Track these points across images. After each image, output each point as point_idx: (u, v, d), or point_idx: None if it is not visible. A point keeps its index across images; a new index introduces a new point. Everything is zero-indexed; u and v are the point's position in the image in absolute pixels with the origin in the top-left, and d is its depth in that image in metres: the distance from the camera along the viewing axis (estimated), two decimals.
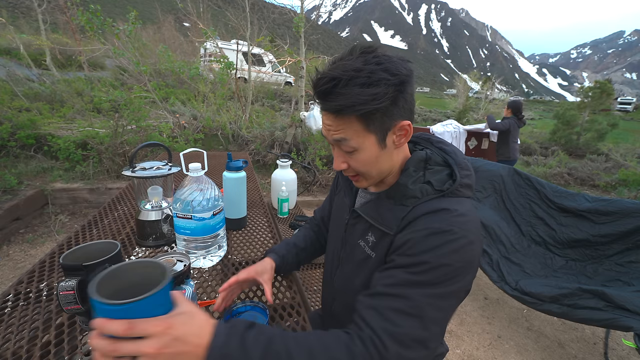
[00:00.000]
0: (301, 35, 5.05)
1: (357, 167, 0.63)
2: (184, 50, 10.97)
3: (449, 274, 0.53)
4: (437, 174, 0.63)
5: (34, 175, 3.44)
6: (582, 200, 1.96)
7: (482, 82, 16.64)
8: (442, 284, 0.53)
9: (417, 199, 0.61)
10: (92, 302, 0.37)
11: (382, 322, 0.51)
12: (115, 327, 0.37)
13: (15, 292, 0.76)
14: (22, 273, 0.83)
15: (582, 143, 7.78)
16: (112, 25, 4.20)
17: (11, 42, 8.18)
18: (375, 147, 0.60)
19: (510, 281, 1.84)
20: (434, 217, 0.57)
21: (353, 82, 0.53)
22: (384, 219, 0.63)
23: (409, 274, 0.54)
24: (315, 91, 0.57)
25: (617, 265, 1.73)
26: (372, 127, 0.57)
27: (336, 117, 0.58)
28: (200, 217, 0.85)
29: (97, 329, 0.37)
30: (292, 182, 1.79)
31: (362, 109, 0.54)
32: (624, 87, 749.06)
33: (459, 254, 0.53)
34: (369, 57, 0.55)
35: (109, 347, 0.38)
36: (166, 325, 0.40)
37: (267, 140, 4.70)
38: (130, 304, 0.37)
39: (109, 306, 0.37)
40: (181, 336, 0.41)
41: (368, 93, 0.53)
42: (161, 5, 23.75)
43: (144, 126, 3.87)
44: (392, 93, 0.54)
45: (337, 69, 0.54)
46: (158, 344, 0.39)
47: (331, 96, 0.55)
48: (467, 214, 0.58)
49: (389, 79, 0.54)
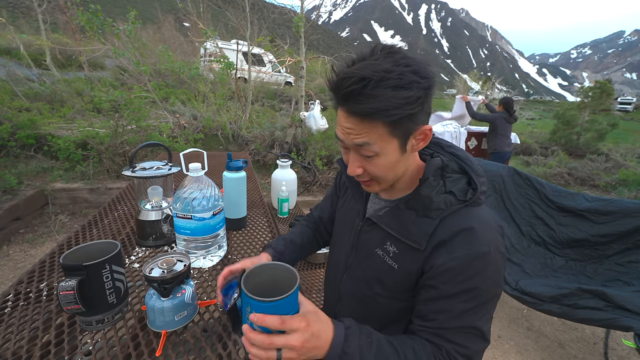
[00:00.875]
0: (301, 35, 5.05)
1: (374, 172, 0.60)
2: (184, 50, 10.96)
3: (493, 288, 0.59)
4: (457, 183, 0.61)
5: (34, 175, 3.45)
6: (582, 200, 1.96)
7: (482, 82, 16.64)
8: (491, 300, 0.59)
9: (442, 210, 0.59)
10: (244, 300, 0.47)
11: (453, 345, 0.57)
12: (272, 321, 0.45)
13: (15, 292, 0.76)
14: (22, 273, 0.84)
15: (582, 143, 7.78)
16: (112, 25, 4.20)
17: (11, 42, 8.18)
18: (397, 152, 0.58)
19: (510, 281, 1.84)
20: (471, 240, 0.57)
21: (384, 83, 0.49)
22: (410, 233, 0.62)
23: (461, 302, 0.57)
24: (339, 92, 0.53)
25: (617, 265, 1.73)
26: (398, 131, 0.55)
27: (361, 121, 0.54)
28: (200, 217, 0.85)
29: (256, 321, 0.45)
30: (292, 182, 1.80)
31: (397, 114, 0.51)
32: (624, 87, 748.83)
33: (498, 269, 0.58)
34: (397, 57, 0.51)
35: (266, 340, 0.46)
36: (306, 323, 0.47)
37: (267, 140, 4.70)
38: (278, 301, 0.45)
39: (263, 303, 0.45)
40: (316, 332, 0.48)
41: (401, 96, 0.50)
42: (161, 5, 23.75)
43: (144, 126, 3.87)
44: (423, 97, 0.53)
45: (366, 69, 0.50)
46: (302, 338, 0.46)
47: (360, 98, 0.51)
48: (492, 224, 0.61)
49: (420, 81, 0.51)
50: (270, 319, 0.45)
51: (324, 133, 4.58)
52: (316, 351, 0.49)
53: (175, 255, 0.73)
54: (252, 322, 0.46)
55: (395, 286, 0.66)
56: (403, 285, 0.65)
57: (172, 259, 0.70)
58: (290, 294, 0.46)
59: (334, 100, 0.56)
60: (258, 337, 0.46)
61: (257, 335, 0.47)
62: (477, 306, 0.57)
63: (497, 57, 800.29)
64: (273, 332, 0.47)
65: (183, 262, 0.70)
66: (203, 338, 0.65)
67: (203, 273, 0.89)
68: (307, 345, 0.47)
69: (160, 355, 0.60)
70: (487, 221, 0.60)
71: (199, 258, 0.90)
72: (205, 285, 0.84)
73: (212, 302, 0.76)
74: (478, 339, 0.58)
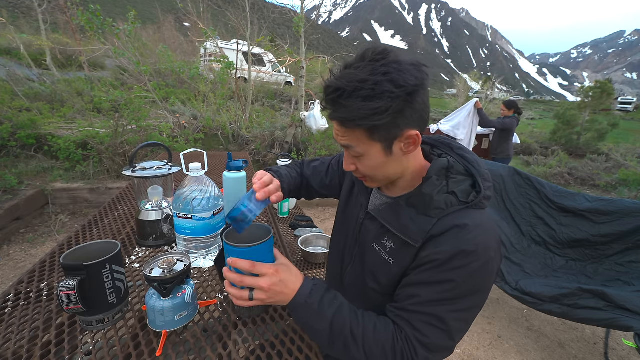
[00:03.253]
0: (301, 35, 5.05)
1: (364, 170, 0.65)
2: (184, 50, 10.96)
3: (473, 289, 0.57)
4: (461, 184, 0.61)
5: (34, 175, 3.45)
6: (582, 200, 1.96)
7: (482, 82, 16.64)
8: (466, 299, 0.57)
9: (441, 210, 0.60)
10: (225, 246, 0.60)
11: (414, 331, 0.58)
12: (243, 265, 0.57)
13: (15, 291, 0.76)
14: (23, 273, 0.84)
15: (582, 143, 7.77)
16: (112, 25, 4.20)
17: (11, 42, 8.17)
18: (381, 155, 0.60)
19: (510, 281, 1.84)
20: (459, 236, 0.57)
21: (356, 94, 0.52)
22: (407, 230, 0.62)
23: (436, 292, 0.57)
24: (324, 99, 0.59)
25: (618, 265, 1.73)
26: (377, 136, 0.57)
27: (342, 126, 0.59)
28: (201, 217, 0.85)
29: (230, 263, 0.57)
30: None
31: (362, 124, 0.55)
32: (625, 87, 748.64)
33: (482, 271, 0.56)
34: (377, 65, 0.53)
35: (238, 279, 0.57)
36: (275, 269, 0.58)
37: (267, 140, 4.70)
38: (250, 247, 0.58)
39: (237, 248, 0.58)
40: (284, 279, 0.58)
41: (369, 107, 0.52)
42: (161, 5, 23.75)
43: (144, 126, 3.87)
44: (396, 106, 0.53)
45: (344, 79, 0.54)
46: (270, 281, 0.57)
47: (335, 106, 0.56)
48: (488, 228, 0.59)
49: (393, 91, 0.52)
50: (242, 262, 0.57)
51: (324, 133, 4.58)
52: (282, 296, 0.58)
53: (176, 255, 0.73)
54: (229, 265, 0.58)
55: (388, 282, 0.67)
56: (397, 281, 0.65)
57: (172, 259, 0.70)
58: (261, 244, 0.58)
59: None
60: (232, 275, 0.58)
61: (232, 273, 0.58)
62: (449, 299, 0.57)
63: (497, 57, 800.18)
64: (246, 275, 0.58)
65: (183, 262, 0.70)
66: (203, 338, 0.65)
67: (203, 273, 0.89)
68: (274, 288, 0.57)
69: (160, 355, 0.60)
70: (483, 224, 0.59)
71: (199, 258, 0.90)
72: (206, 285, 0.84)
73: (213, 302, 0.76)
74: (440, 332, 0.57)
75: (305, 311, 0.58)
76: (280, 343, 0.65)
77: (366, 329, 0.58)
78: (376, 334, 0.58)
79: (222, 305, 0.76)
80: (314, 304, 0.58)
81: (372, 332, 0.58)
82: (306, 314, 0.59)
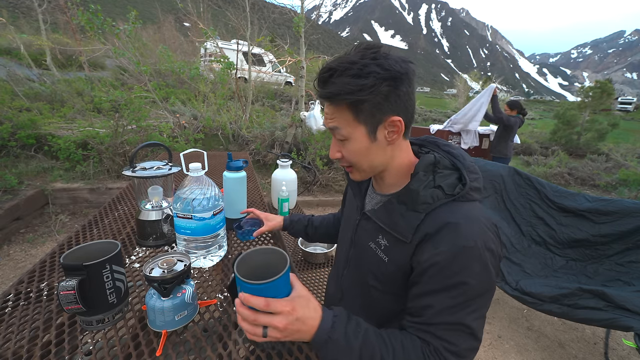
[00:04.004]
0: (301, 35, 5.04)
1: (348, 156, 0.66)
2: (184, 50, 10.96)
3: (483, 285, 0.57)
4: (447, 178, 0.63)
5: (35, 175, 3.45)
6: (583, 200, 1.96)
7: (482, 82, 16.64)
8: (480, 297, 0.58)
9: (429, 204, 0.61)
10: (237, 281, 0.52)
11: (440, 341, 0.57)
12: (256, 302, 0.50)
13: (15, 291, 0.76)
14: (23, 273, 0.84)
15: (582, 143, 7.78)
16: (112, 25, 4.20)
17: (11, 42, 8.18)
18: (365, 139, 0.62)
19: (510, 281, 1.84)
20: (455, 234, 0.57)
21: (346, 72, 0.57)
22: (398, 226, 0.63)
23: (449, 298, 0.57)
24: (316, 80, 0.62)
25: (618, 265, 1.73)
26: (362, 117, 0.60)
27: (330, 105, 0.62)
28: (201, 217, 0.85)
29: (243, 300, 0.51)
30: (293, 182, 1.79)
31: (348, 97, 0.58)
32: (625, 87, 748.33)
33: (485, 263, 0.57)
34: (368, 52, 0.58)
35: (251, 316, 0.51)
36: (292, 307, 0.52)
37: (267, 140, 4.69)
38: (263, 284, 0.50)
39: (250, 285, 0.50)
40: (301, 317, 0.52)
41: (356, 83, 0.56)
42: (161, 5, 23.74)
43: (144, 126, 3.87)
44: (381, 87, 0.57)
45: (336, 61, 0.59)
46: (286, 320, 0.51)
47: (326, 84, 0.60)
48: (482, 219, 0.59)
49: (379, 72, 0.56)
50: (255, 300, 0.50)
51: (324, 133, 4.58)
52: (300, 334, 0.53)
53: (176, 255, 0.73)
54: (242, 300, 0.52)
55: (387, 279, 0.67)
56: (395, 279, 0.66)
57: (173, 259, 0.71)
58: (276, 279, 0.51)
59: None
60: (245, 311, 0.51)
61: (245, 310, 0.52)
62: (464, 302, 0.56)
63: (497, 57, 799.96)
64: None
65: (183, 262, 0.70)
66: (203, 338, 0.65)
67: (203, 273, 0.89)
68: (290, 327, 0.51)
69: (160, 355, 0.60)
70: (475, 216, 0.59)
71: (199, 258, 0.90)
72: (206, 285, 0.84)
73: (213, 302, 0.76)
74: (466, 336, 0.57)
75: (332, 348, 0.54)
76: (280, 343, 0.65)
77: (396, 351, 0.56)
78: (406, 354, 0.56)
79: (223, 305, 0.76)
80: (339, 339, 0.54)
81: (402, 353, 0.56)
82: (333, 350, 0.54)
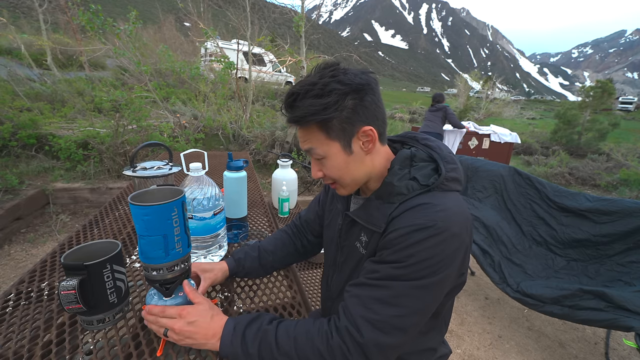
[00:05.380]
0: (302, 35, 5.04)
1: (329, 174, 0.66)
2: (184, 50, 10.96)
3: (432, 266, 0.55)
4: (422, 170, 0.63)
5: (35, 175, 3.45)
6: (583, 200, 1.96)
7: (483, 82, 16.62)
8: (425, 277, 0.55)
9: (403, 195, 0.61)
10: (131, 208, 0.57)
11: (362, 309, 0.56)
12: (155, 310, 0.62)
13: (16, 291, 0.76)
14: (24, 272, 0.84)
15: (583, 143, 7.76)
16: (112, 25, 4.20)
17: (12, 42, 8.19)
18: (341, 154, 0.63)
19: (512, 283, 1.84)
20: (417, 213, 0.57)
21: (308, 94, 0.58)
22: (373, 218, 0.65)
23: (392, 268, 0.57)
24: (283, 107, 0.63)
25: (619, 266, 1.73)
26: (333, 134, 0.61)
27: (300, 129, 0.63)
28: (201, 217, 0.85)
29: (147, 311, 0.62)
30: (293, 182, 1.80)
31: (314, 118, 0.58)
32: (625, 87, 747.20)
33: (440, 247, 0.54)
34: (326, 71, 0.60)
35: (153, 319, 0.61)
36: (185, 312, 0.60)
37: (267, 140, 4.69)
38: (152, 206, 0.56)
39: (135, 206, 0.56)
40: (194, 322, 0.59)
41: (319, 103, 0.57)
42: (162, 5, 23.76)
43: (145, 126, 3.88)
44: (345, 102, 0.58)
45: (297, 86, 0.60)
46: (178, 323, 0.59)
47: (291, 109, 0.61)
48: (451, 207, 0.58)
49: (340, 88, 0.57)
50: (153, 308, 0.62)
51: None
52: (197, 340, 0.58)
53: None
54: None
55: None
56: None
57: None
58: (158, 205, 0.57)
59: None
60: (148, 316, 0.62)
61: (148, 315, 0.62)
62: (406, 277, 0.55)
63: (498, 57, 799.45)
64: None
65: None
66: None
67: None
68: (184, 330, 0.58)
69: (161, 354, 0.60)
70: (445, 203, 0.58)
71: (199, 258, 0.90)
72: None
73: (213, 301, 0.76)
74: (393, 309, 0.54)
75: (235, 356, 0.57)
76: None
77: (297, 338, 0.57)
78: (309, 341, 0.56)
79: (223, 305, 0.76)
80: (237, 347, 0.57)
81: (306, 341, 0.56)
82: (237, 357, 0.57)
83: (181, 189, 0.65)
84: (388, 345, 0.54)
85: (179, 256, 0.63)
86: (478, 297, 2.39)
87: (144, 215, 0.57)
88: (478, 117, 13.10)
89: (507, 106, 15.93)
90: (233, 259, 0.86)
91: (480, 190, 2.37)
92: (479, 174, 2.40)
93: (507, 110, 15.56)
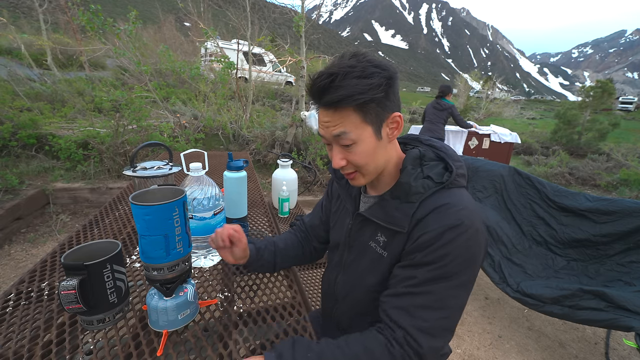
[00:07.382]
0: (302, 35, 5.04)
1: (356, 160, 0.64)
2: (184, 50, 10.95)
3: (465, 262, 0.58)
4: (434, 168, 0.66)
5: (35, 175, 3.45)
6: (583, 200, 1.96)
7: (483, 82, 16.62)
8: (459, 274, 0.58)
9: (421, 194, 0.63)
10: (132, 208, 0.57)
11: (412, 320, 0.58)
12: None
13: (16, 291, 0.76)
14: (24, 272, 0.84)
15: (583, 143, 7.76)
16: (112, 25, 4.19)
17: (12, 42, 8.19)
18: (373, 139, 0.63)
19: (512, 283, 1.84)
20: (443, 214, 0.59)
21: (350, 75, 0.57)
22: (394, 218, 0.65)
23: (429, 271, 0.58)
24: (313, 89, 0.60)
25: (619, 265, 1.73)
26: (369, 118, 0.61)
27: (335, 112, 0.60)
28: (201, 217, 0.85)
29: None
30: (293, 182, 1.79)
31: (361, 98, 0.57)
32: (626, 87, 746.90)
33: (469, 243, 0.58)
34: (360, 57, 0.60)
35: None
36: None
37: (267, 140, 4.69)
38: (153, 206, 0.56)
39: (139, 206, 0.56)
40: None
41: (365, 83, 0.57)
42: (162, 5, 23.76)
43: (145, 126, 3.87)
44: (384, 85, 0.59)
45: (334, 67, 0.58)
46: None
47: (330, 90, 0.58)
48: (469, 205, 0.61)
49: (381, 72, 0.58)
50: None
51: None
52: None
53: None
54: None
55: (383, 277, 0.68)
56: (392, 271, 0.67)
57: None
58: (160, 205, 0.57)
59: (313, 100, 0.62)
60: None
61: None
62: (444, 276, 0.57)
63: (498, 57, 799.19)
64: None
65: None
66: (204, 337, 0.65)
67: (204, 273, 0.89)
68: None
69: (161, 354, 0.60)
70: (462, 200, 0.62)
71: (199, 257, 0.90)
72: (206, 285, 0.84)
73: (213, 301, 0.76)
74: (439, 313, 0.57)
75: None
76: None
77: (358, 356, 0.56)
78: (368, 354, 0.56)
79: (223, 305, 0.76)
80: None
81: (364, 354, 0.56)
82: None
83: (182, 188, 0.65)
84: (440, 346, 0.58)
85: (179, 256, 0.63)
86: (478, 297, 2.39)
87: (145, 215, 0.57)
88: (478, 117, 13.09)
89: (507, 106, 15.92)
90: (254, 247, 0.82)
91: (480, 190, 2.37)
92: (479, 173, 2.40)
93: (507, 110, 15.56)
